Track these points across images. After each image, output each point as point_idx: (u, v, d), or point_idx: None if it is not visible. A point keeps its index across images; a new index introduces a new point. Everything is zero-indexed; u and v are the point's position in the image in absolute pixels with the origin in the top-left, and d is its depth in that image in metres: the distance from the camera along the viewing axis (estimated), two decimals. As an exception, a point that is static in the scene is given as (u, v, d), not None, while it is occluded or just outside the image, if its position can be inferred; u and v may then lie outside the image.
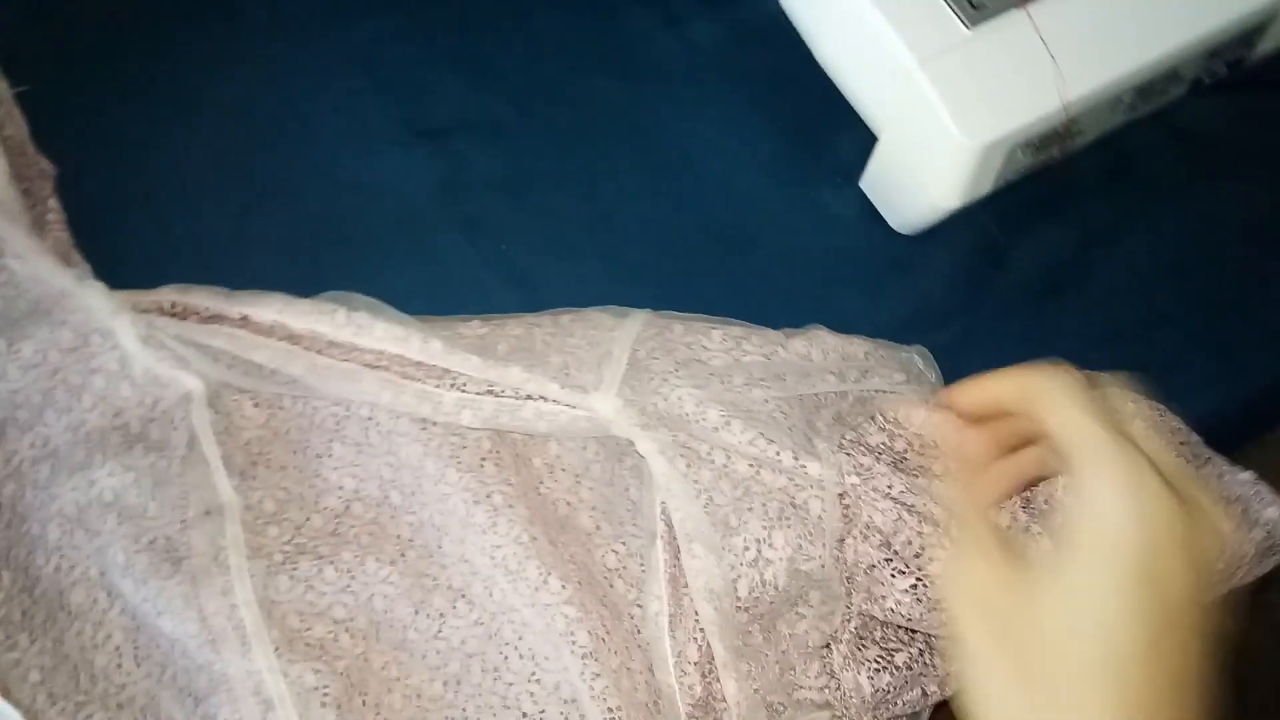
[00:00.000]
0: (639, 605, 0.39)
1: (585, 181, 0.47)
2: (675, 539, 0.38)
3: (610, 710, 0.36)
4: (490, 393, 0.39)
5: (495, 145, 0.48)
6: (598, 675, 0.37)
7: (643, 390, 0.39)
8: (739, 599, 0.37)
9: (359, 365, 0.39)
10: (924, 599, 0.37)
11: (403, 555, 0.39)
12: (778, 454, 0.38)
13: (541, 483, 0.40)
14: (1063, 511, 0.33)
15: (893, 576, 0.37)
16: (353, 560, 0.38)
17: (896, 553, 0.38)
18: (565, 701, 0.37)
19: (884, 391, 0.41)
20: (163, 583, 0.37)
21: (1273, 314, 0.47)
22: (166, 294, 0.40)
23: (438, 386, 0.39)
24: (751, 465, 0.38)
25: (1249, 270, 0.47)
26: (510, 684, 0.38)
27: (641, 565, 0.39)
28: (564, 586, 0.37)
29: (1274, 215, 0.48)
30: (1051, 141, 0.43)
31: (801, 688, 0.38)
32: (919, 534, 0.37)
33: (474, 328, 0.42)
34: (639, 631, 0.38)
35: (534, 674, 0.37)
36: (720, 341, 0.41)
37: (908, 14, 0.41)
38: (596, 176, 0.47)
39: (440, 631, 0.38)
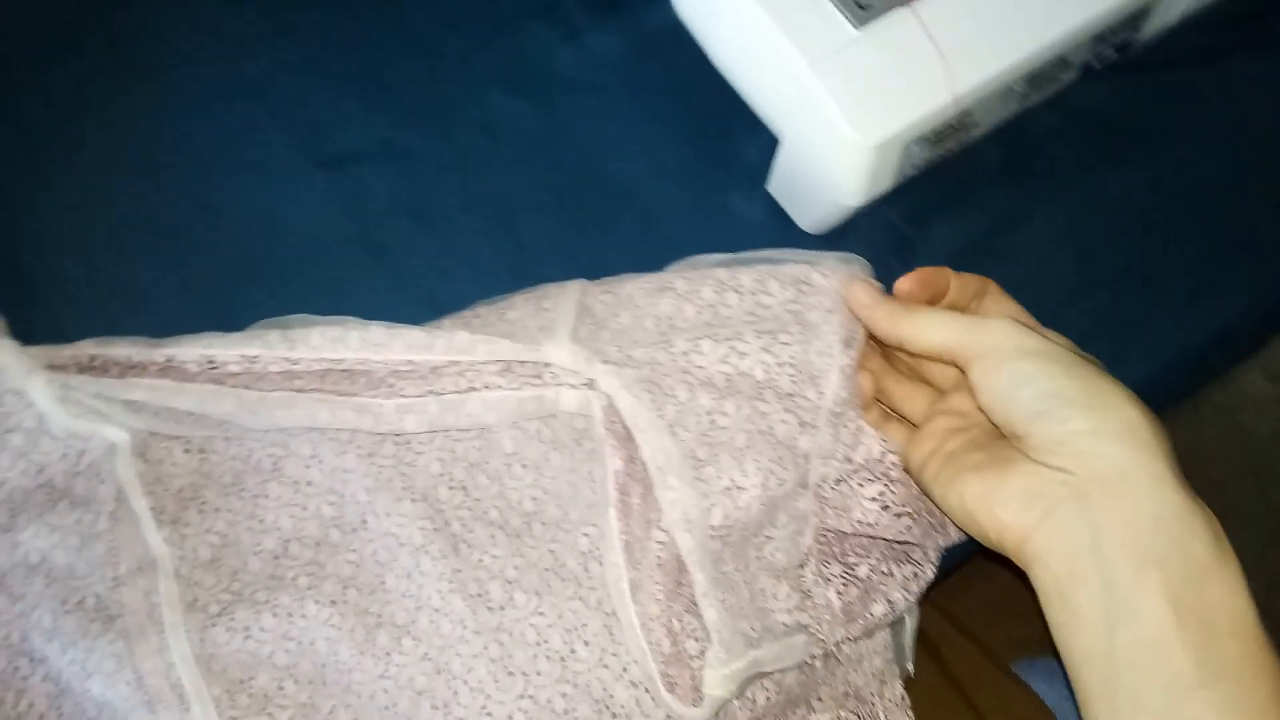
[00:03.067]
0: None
1: (491, 201, 0.47)
2: (629, 505, 0.38)
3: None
4: (432, 393, 0.39)
5: (398, 170, 0.47)
6: (579, 674, 0.37)
7: (599, 336, 0.40)
8: (713, 527, 0.37)
9: (290, 393, 0.39)
10: (890, 505, 0.38)
11: (344, 594, 0.38)
12: (750, 367, 0.39)
13: (503, 484, 0.40)
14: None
15: (859, 485, 0.38)
16: (292, 604, 0.38)
17: (862, 464, 0.39)
18: None
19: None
20: (93, 643, 0.37)
21: (1174, 289, 0.48)
22: (85, 348, 0.40)
23: (375, 396, 0.39)
24: (715, 397, 0.38)
25: (1150, 247, 0.48)
26: (461, 719, 0.37)
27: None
28: (529, 598, 0.38)
29: (1170, 192, 0.49)
30: (946, 135, 0.43)
31: (774, 612, 0.38)
32: (881, 442, 0.39)
33: (414, 336, 0.41)
34: (615, 612, 0.38)
35: (484, 707, 0.37)
36: (674, 285, 0.42)
37: (796, 17, 0.42)
38: (503, 195, 0.47)
39: (386, 670, 0.38)
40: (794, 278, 0.41)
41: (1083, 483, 0.33)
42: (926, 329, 0.37)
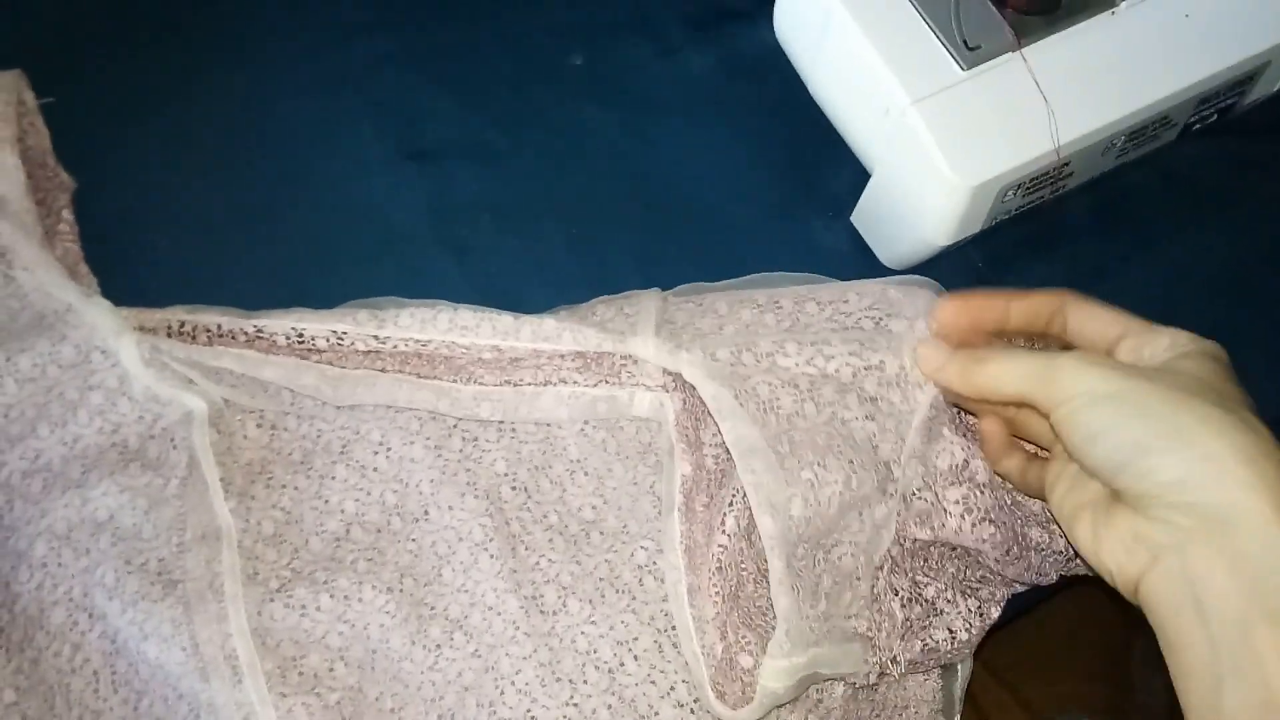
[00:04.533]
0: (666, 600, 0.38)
1: (574, 209, 0.47)
2: (693, 510, 0.38)
3: None
4: (509, 383, 0.40)
5: (485, 169, 0.48)
6: (625, 687, 0.37)
7: (680, 338, 0.40)
8: (792, 517, 0.36)
9: (373, 371, 0.40)
10: (973, 510, 0.38)
11: (400, 582, 0.39)
12: (836, 370, 0.38)
13: (564, 490, 0.40)
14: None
15: (943, 490, 0.38)
16: (349, 587, 0.38)
17: (946, 470, 0.38)
18: None
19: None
20: (152, 606, 0.37)
21: (1256, 355, 0.47)
22: (176, 313, 0.40)
23: (454, 381, 0.40)
24: (796, 399, 0.38)
25: (1234, 312, 0.48)
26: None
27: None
28: (582, 606, 0.38)
29: (1258, 258, 0.48)
30: (1043, 183, 0.43)
31: (836, 616, 0.38)
32: (962, 448, 0.38)
33: (502, 321, 0.41)
34: (671, 629, 0.38)
35: (529, 710, 0.37)
36: (755, 298, 0.42)
37: (903, 53, 0.42)
38: (585, 204, 0.47)
39: (436, 663, 0.38)
40: (871, 291, 0.41)
41: (1180, 532, 0.31)
42: (998, 380, 0.35)
